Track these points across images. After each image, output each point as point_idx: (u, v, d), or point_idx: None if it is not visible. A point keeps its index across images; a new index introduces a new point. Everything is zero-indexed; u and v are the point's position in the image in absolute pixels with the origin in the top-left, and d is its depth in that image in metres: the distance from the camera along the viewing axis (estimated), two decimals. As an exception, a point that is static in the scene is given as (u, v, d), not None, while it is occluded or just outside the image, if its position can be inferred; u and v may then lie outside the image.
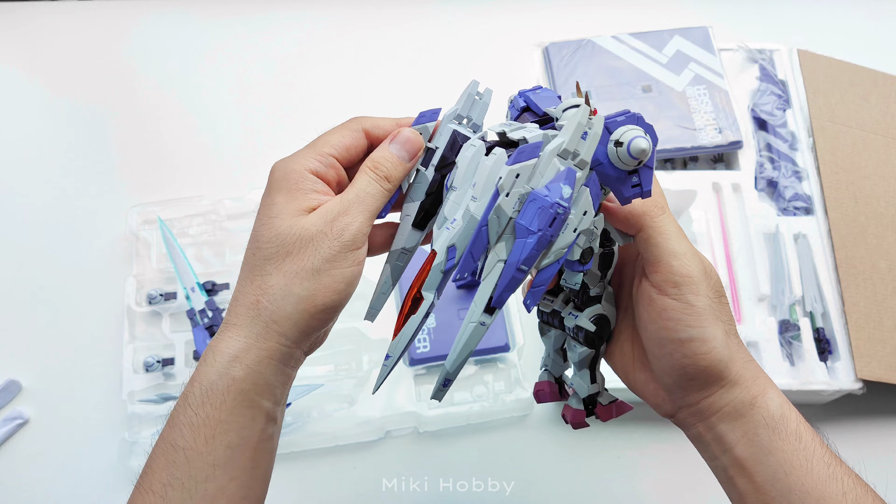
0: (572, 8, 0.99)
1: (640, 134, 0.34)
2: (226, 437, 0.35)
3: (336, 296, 0.36)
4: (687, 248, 0.38)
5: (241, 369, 0.35)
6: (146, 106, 0.91)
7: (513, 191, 0.34)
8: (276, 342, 0.36)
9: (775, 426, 0.37)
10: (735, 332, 0.39)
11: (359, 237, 0.36)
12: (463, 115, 0.39)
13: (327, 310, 0.36)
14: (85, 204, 0.84)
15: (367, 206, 0.36)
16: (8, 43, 0.97)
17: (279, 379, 0.37)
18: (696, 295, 0.37)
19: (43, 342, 0.75)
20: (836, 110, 0.81)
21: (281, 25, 0.97)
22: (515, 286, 0.35)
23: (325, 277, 0.35)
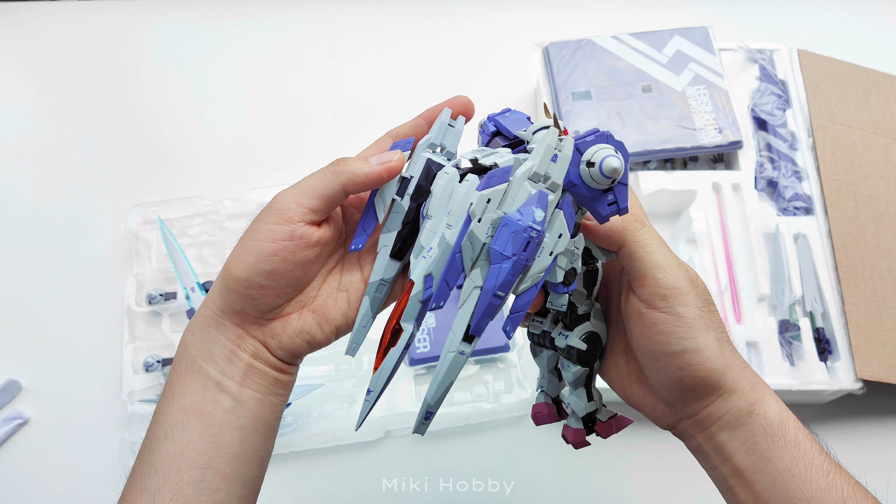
0: (572, 8, 0.99)
1: (610, 153, 0.34)
2: (180, 399, 0.37)
3: (243, 266, 0.37)
4: (671, 259, 0.38)
5: (189, 335, 0.39)
6: (146, 106, 0.91)
7: (485, 216, 0.34)
8: (209, 308, 0.38)
9: (774, 434, 0.37)
10: (727, 339, 0.39)
11: (290, 207, 0.37)
12: (437, 143, 0.38)
13: (237, 280, 0.37)
14: (85, 204, 0.84)
15: (308, 184, 0.38)
16: (8, 43, 0.97)
17: (220, 352, 0.38)
18: (684, 306, 0.37)
19: (43, 342, 0.75)
20: (836, 110, 0.81)
21: (281, 26, 0.97)
22: (493, 312, 0.35)
23: (240, 246, 0.37)
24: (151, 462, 0.36)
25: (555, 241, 0.35)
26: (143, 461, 0.37)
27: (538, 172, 0.34)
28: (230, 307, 0.38)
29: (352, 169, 0.38)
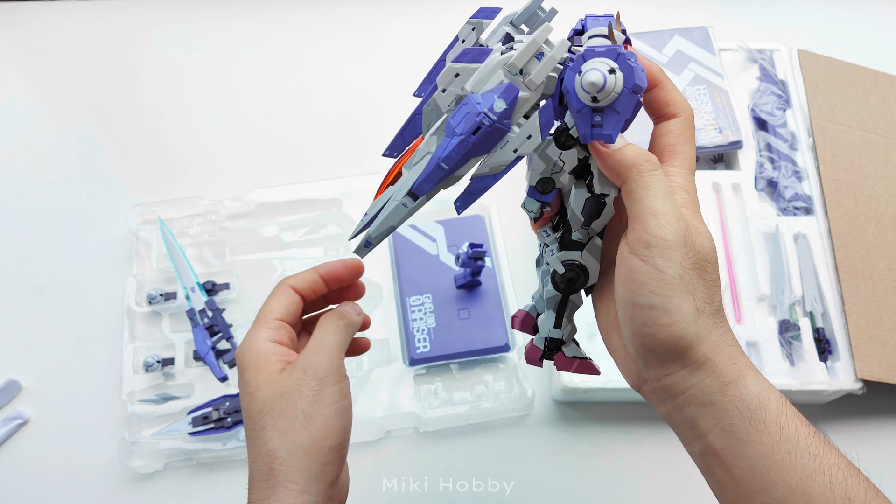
0: (572, 8, 0.98)
1: (599, 67, 0.33)
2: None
3: (336, 433, 0.38)
4: (670, 209, 0.35)
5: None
6: (146, 106, 0.91)
7: (450, 88, 0.35)
8: (300, 500, 0.37)
9: (751, 416, 0.35)
10: (714, 311, 0.36)
11: (333, 369, 0.38)
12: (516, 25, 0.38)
13: (333, 449, 0.37)
14: (85, 204, 0.84)
15: (327, 342, 0.39)
16: (8, 43, 0.97)
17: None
18: (665, 260, 0.34)
19: (43, 342, 0.75)
20: (836, 110, 0.81)
21: (281, 25, 0.97)
22: (435, 179, 0.35)
23: (317, 420, 0.37)
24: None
25: (522, 140, 0.35)
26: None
27: (514, 64, 0.34)
28: (325, 485, 0.38)
29: (355, 323, 0.43)
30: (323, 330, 0.41)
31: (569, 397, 0.70)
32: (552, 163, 0.36)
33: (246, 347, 0.41)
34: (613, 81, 0.33)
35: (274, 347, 0.41)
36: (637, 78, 0.33)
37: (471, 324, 0.71)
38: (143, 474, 0.68)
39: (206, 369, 0.70)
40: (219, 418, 0.67)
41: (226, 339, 0.72)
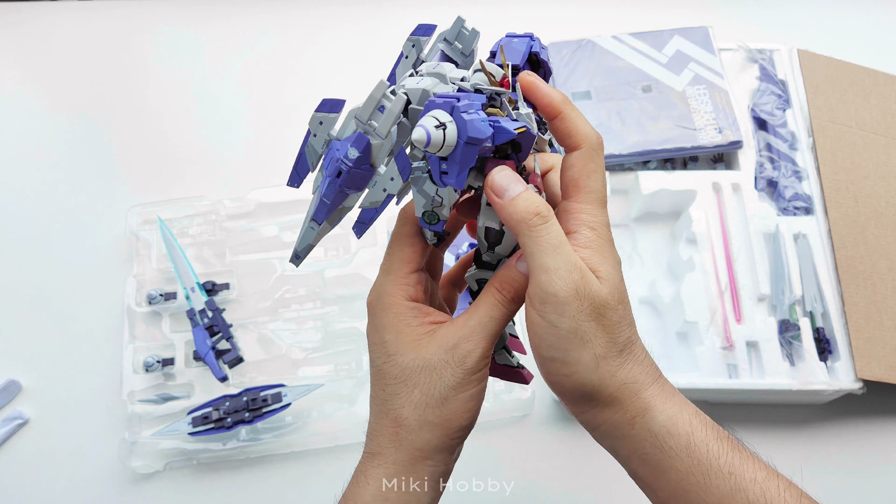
0: (572, 8, 0.99)
1: (425, 123, 0.33)
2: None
3: (468, 414, 0.38)
4: (561, 263, 0.34)
5: (394, 491, 0.38)
6: (146, 106, 0.91)
7: (318, 134, 0.37)
8: (425, 465, 0.38)
9: (661, 445, 0.36)
10: (617, 352, 0.36)
11: (481, 363, 0.37)
12: (363, 119, 0.38)
13: (463, 429, 0.38)
14: (85, 204, 0.84)
15: (489, 331, 0.37)
16: (8, 43, 0.97)
17: (431, 496, 0.39)
18: (559, 315, 0.34)
19: (43, 342, 0.75)
20: (836, 110, 0.81)
21: (281, 25, 0.97)
22: (325, 210, 0.38)
23: (453, 403, 0.37)
24: None
25: (387, 180, 0.36)
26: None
27: (360, 117, 0.36)
28: (449, 454, 0.39)
29: (520, 291, 0.38)
30: (482, 312, 0.38)
31: (569, 397, 0.70)
32: (430, 198, 0.37)
33: (381, 303, 0.39)
34: (441, 137, 0.33)
35: (413, 309, 0.38)
36: (472, 130, 0.33)
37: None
38: (143, 474, 0.68)
39: (206, 369, 0.70)
40: (219, 418, 0.67)
41: (226, 339, 0.72)
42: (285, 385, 0.69)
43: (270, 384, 0.69)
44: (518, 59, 0.38)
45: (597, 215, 0.37)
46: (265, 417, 0.67)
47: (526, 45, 0.39)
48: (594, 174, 0.37)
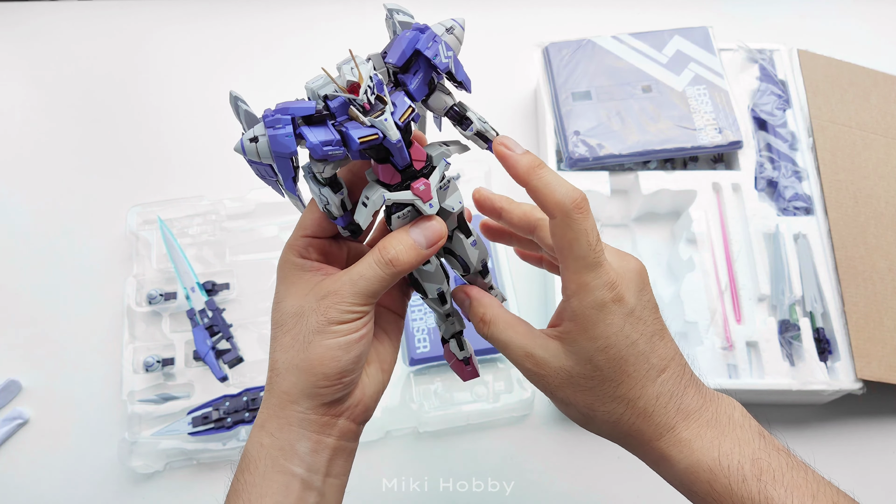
0: (572, 8, 0.99)
1: (242, 136, 0.35)
2: (260, 501, 0.37)
3: (333, 363, 0.37)
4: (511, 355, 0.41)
5: (266, 436, 0.38)
6: (147, 106, 0.92)
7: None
8: (293, 410, 0.38)
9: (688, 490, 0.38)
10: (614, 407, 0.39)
11: (346, 315, 0.37)
12: None
13: (328, 377, 0.37)
14: (85, 204, 0.84)
15: (358, 287, 0.38)
16: (8, 43, 0.97)
17: (306, 446, 0.38)
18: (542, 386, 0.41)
19: (43, 342, 0.75)
20: (836, 110, 0.81)
21: (281, 25, 0.97)
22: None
23: (316, 348, 0.37)
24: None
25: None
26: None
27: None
28: (318, 403, 0.38)
29: (405, 262, 0.38)
30: (356, 269, 0.39)
31: (569, 397, 0.70)
32: (318, 197, 0.38)
33: (280, 260, 0.41)
34: (254, 149, 0.35)
35: (303, 266, 0.40)
36: (274, 145, 0.35)
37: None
38: (143, 474, 0.68)
39: (206, 369, 0.70)
40: (219, 418, 0.67)
41: (226, 339, 0.72)
42: (285, 385, 0.69)
43: (270, 384, 0.69)
44: (395, 59, 0.37)
45: (581, 282, 0.37)
46: (265, 417, 0.67)
47: (407, 42, 0.37)
48: (574, 241, 0.36)
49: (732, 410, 0.39)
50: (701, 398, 0.39)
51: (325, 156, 0.35)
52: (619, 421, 0.39)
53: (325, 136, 0.35)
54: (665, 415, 0.38)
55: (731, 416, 0.39)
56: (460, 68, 0.39)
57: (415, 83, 0.37)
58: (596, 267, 0.37)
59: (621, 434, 0.39)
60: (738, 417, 0.39)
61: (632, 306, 0.37)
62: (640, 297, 0.38)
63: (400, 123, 0.35)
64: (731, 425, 0.38)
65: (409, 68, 0.37)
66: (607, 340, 0.37)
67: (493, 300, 0.43)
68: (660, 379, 0.38)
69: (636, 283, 0.38)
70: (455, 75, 0.38)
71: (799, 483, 0.36)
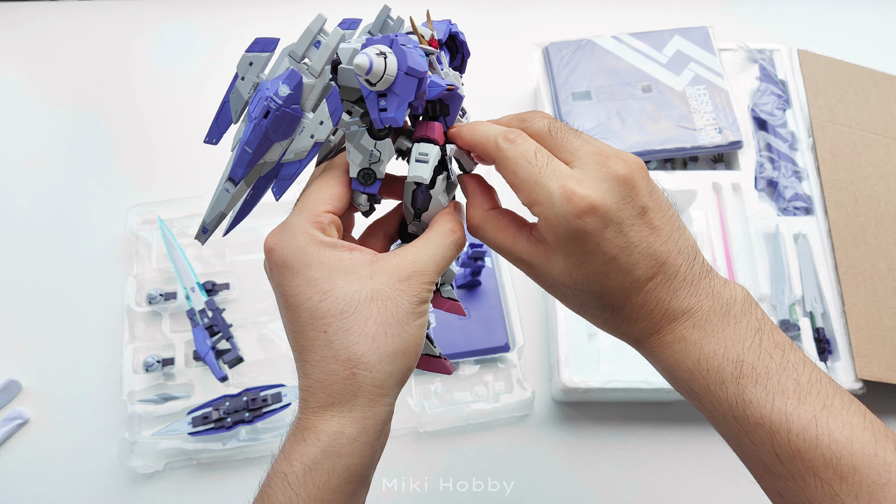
0: (572, 8, 0.99)
1: (368, 52, 0.33)
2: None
3: (420, 343, 0.37)
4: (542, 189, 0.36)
5: (347, 444, 0.34)
6: (147, 106, 0.91)
7: (247, 76, 0.36)
8: (382, 405, 0.35)
9: (673, 382, 0.38)
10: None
11: (428, 294, 0.37)
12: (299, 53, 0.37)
13: (418, 357, 0.37)
14: (85, 204, 0.84)
15: (440, 267, 0.37)
16: (8, 43, 0.97)
17: (382, 441, 0.37)
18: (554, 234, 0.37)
19: (43, 342, 0.75)
20: (836, 110, 0.81)
21: (281, 24, 0.97)
22: (244, 163, 0.36)
23: (413, 329, 0.35)
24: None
25: (316, 125, 0.35)
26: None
27: (295, 51, 0.36)
28: (401, 389, 0.37)
29: (465, 240, 0.39)
30: (432, 244, 0.37)
31: (569, 397, 0.70)
32: (368, 153, 0.37)
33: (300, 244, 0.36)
34: (382, 64, 0.33)
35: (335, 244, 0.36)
36: (411, 61, 0.33)
37: (471, 324, 0.71)
38: (143, 474, 0.68)
39: (206, 369, 0.70)
40: (219, 418, 0.67)
41: (226, 339, 0.72)
42: (285, 385, 0.69)
43: (270, 384, 0.69)
44: (440, 35, 0.38)
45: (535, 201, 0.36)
46: (265, 417, 0.67)
47: (446, 25, 0.39)
48: (516, 166, 0.36)
49: (731, 306, 0.36)
50: (696, 297, 0.36)
51: (425, 91, 0.35)
52: (607, 323, 0.38)
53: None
54: (650, 320, 0.37)
55: (728, 312, 0.36)
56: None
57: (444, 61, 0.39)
58: (545, 180, 0.35)
59: (615, 334, 0.39)
60: (736, 313, 0.36)
61: (608, 218, 0.34)
62: (622, 205, 0.35)
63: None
64: (723, 323, 0.36)
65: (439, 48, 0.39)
66: (581, 257, 0.35)
67: (485, 198, 0.40)
68: (646, 287, 0.36)
69: (615, 192, 0.35)
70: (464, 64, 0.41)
71: (786, 385, 0.34)
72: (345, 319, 0.34)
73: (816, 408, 0.34)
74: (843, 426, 0.33)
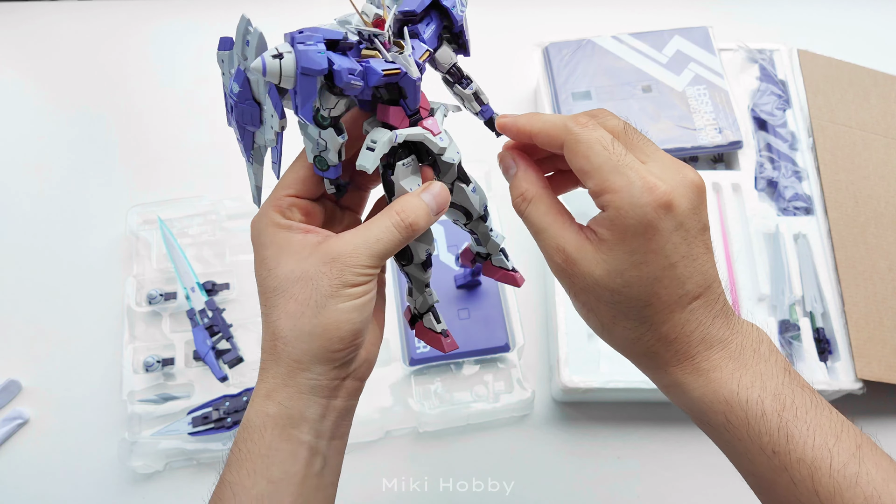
0: (572, 8, 0.99)
1: (265, 53, 0.33)
2: (267, 471, 0.36)
3: (349, 325, 0.37)
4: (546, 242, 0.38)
5: (273, 405, 0.37)
6: (146, 106, 0.91)
7: (225, 73, 0.38)
8: (303, 378, 0.37)
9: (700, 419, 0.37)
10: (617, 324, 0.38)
11: (359, 277, 0.37)
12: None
13: (343, 339, 0.37)
14: (85, 204, 0.84)
15: (374, 251, 0.37)
16: (8, 43, 0.97)
17: (316, 411, 0.38)
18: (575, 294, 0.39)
19: (43, 342, 0.75)
20: (836, 110, 0.81)
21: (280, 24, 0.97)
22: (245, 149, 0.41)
23: (331, 312, 0.36)
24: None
25: (269, 117, 0.36)
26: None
27: (236, 52, 0.37)
28: (331, 367, 0.37)
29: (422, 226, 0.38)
30: (373, 227, 0.37)
31: (569, 397, 0.70)
32: (315, 142, 0.37)
33: (263, 223, 0.39)
34: (277, 66, 0.33)
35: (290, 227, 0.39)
36: (304, 60, 0.33)
37: (471, 324, 0.71)
38: (143, 474, 0.68)
39: (206, 369, 0.70)
40: (219, 418, 0.67)
41: (226, 339, 0.72)
42: (285, 385, 0.69)
43: (270, 384, 0.69)
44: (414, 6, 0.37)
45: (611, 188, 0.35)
46: (265, 417, 0.67)
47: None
48: (589, 151, 0.35)
49: (759, 344, 0.37)
50: (728, 329, 0.37)
51: (347, 83, 0.34)
52: (637, 340, 0.37)
53: (350, 65, 0.34)
54: (687, 343, 0.36)
55: (758, 349, 0.36)
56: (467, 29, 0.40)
57: (428, 33, 0.38)
58: (623, 168, 0.34)
59: (637, 353, 0.37)
60: (765, 351, 0.36)
61: (680, 220, 0.34)
62: (692, 213, 0.34)
63: (420, 62, 0.36)
64: (755, 358, 0.36)
65: (422, 19, 0.38)
66: (644, 256, 0.34)
67: (539, 177, 0.39)
68: (690, 306, 0.36)
69: (689, 197, 0.34)
70: (464, 32, 0.39)
71: (822, 422, 0.34)
72: (276, 296, 0.37)
73: (852, 447, 0.34)
74: (878, 467, 0.33)
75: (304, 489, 0.37)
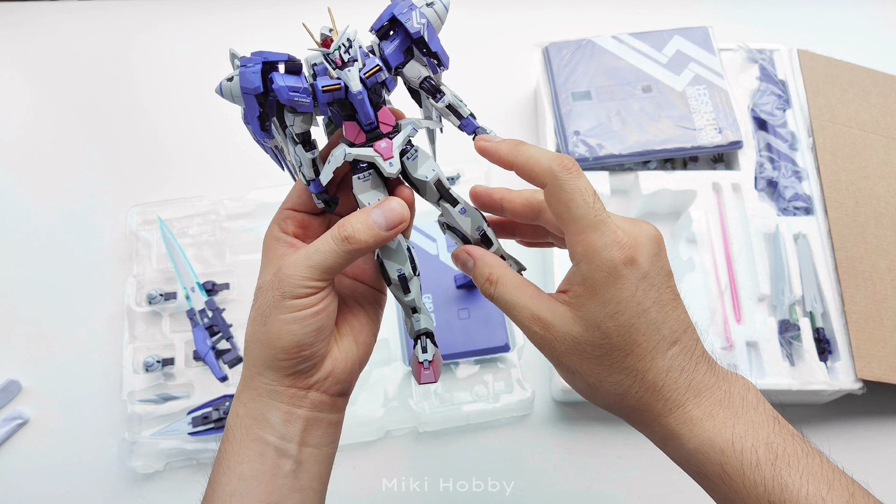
0: (572, 8, 0.99)
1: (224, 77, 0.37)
2: (238, 468, 0.38)
3: (290, 336, 0.37)
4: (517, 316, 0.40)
5: (241, 406, 0.39)
6: (146, 106, 0.92)
7: None
8: (260, 381, 0.39)
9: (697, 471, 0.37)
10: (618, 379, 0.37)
11: (298, 290, 0.37)
12: None
13: (286, 350, 0.38)
14: (85, 204, 0.84)
15: (312, 262, 0.38)
16: (8, 43, 0.97)
17: (277, 416, 0.39)
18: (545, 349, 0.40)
19: (43, 342, 0.75)
20: (836, 110, 0.81)
21: (280, 24, 0.97)
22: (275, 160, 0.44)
23: (272, 323, 0.38)
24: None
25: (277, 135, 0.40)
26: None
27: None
28: (282, 374, 0.39)
29: (362, 240, 0.38)
30: (316, 242, 0.38)
31: (569, 397, 0.70)
32: (294, 159, 0.40)
33: (265, 237, 0.42)
34: (229, 88, 0.37)
35: (281, 239, 0.41)
36: (242, 80, 0.37)
37: (471, 324, 0.71)
38: (143, 474, 0.68)
39: (206, 369, 0.70)
40: (219, 418, 0.67)
41: (226, 339, 0.72)
42: (285, 385, 0.69)
43: (270, 384, 0.69)
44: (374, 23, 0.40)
45: (586, 243, 0.36)
46: (265, 417, 0.67)
47: (385, 9, 0.40)
48: (570, 201, 0.36)
49: (746, 392, 0.37)
50: (713, 376, 0.37)
51: (290, 100, 0.36)
52: (626, 394, 0.37)
53: (294, 83, 0.37)
54: (675, 390, 0.36)
55: (745, 397, 0.37)
56: (435, 40, 0.40)
57: (390, 48, 0.39)
58: (599, 225, 0.35)
59: (628, 408, 0.38)
60: (753, 399, 0.37)
61: (645, 270, 0.36)
62: (655, 262, 0.36)
63: (363, 77, 0.37)
64: (744, 406, 0.36)
65: (387, 35, 0.39)
66: (617, 306, 0.35)
67: (498, 260, 0.41)
68: (670, 352, 0.36)
69: (650, 248, 0.36)
70: (428, 44, 0.39)
71: (814, 470, 0.34)
72: (252, 303, 0.40)
73: (846, 494, 0.34)
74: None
75: (274, 487, 0.38)
